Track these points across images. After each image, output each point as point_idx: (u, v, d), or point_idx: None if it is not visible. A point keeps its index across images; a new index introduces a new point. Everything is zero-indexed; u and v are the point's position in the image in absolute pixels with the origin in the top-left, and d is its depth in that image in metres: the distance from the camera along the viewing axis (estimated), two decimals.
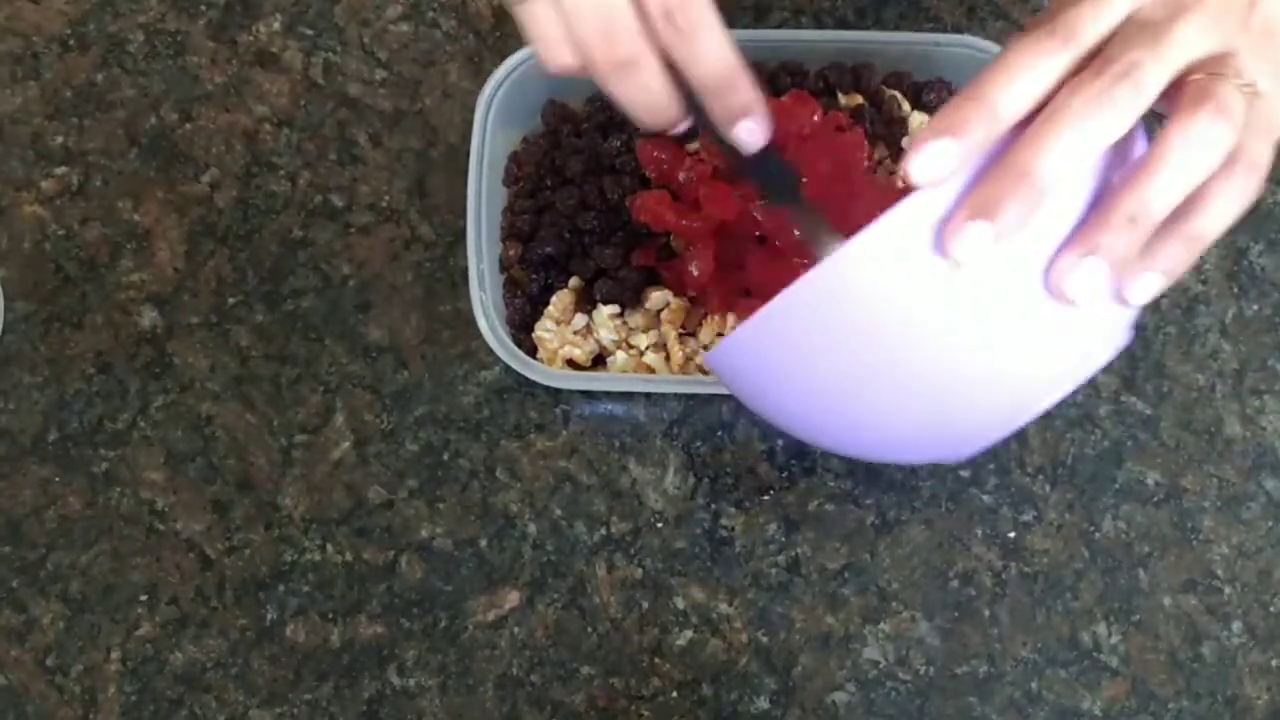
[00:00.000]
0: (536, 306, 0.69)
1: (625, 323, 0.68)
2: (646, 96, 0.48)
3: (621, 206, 0.69)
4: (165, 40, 0.76)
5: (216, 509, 0.69)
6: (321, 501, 0.69)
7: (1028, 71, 0.44)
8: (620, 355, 0.68)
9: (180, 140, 0.75)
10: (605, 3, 0.45)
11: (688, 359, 0.67)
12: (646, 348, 0.68)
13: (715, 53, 0.48)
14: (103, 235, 0.73)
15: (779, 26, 0.76)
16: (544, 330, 0.68)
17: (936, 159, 0.43)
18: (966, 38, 0.70)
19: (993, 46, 0.69)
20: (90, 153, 0.74)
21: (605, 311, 0.68)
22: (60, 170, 0.74)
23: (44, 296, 0.72)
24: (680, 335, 0.68)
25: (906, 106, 0.70)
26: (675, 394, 0.70)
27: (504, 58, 0.75)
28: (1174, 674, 0.66)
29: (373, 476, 0.69)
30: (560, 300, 0.68)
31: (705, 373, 0.67)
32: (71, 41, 0.76)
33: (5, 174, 0.74)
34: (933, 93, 0.71)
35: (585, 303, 0.69)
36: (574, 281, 0.69)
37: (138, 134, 0.75)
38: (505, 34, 0.77)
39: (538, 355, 0.68)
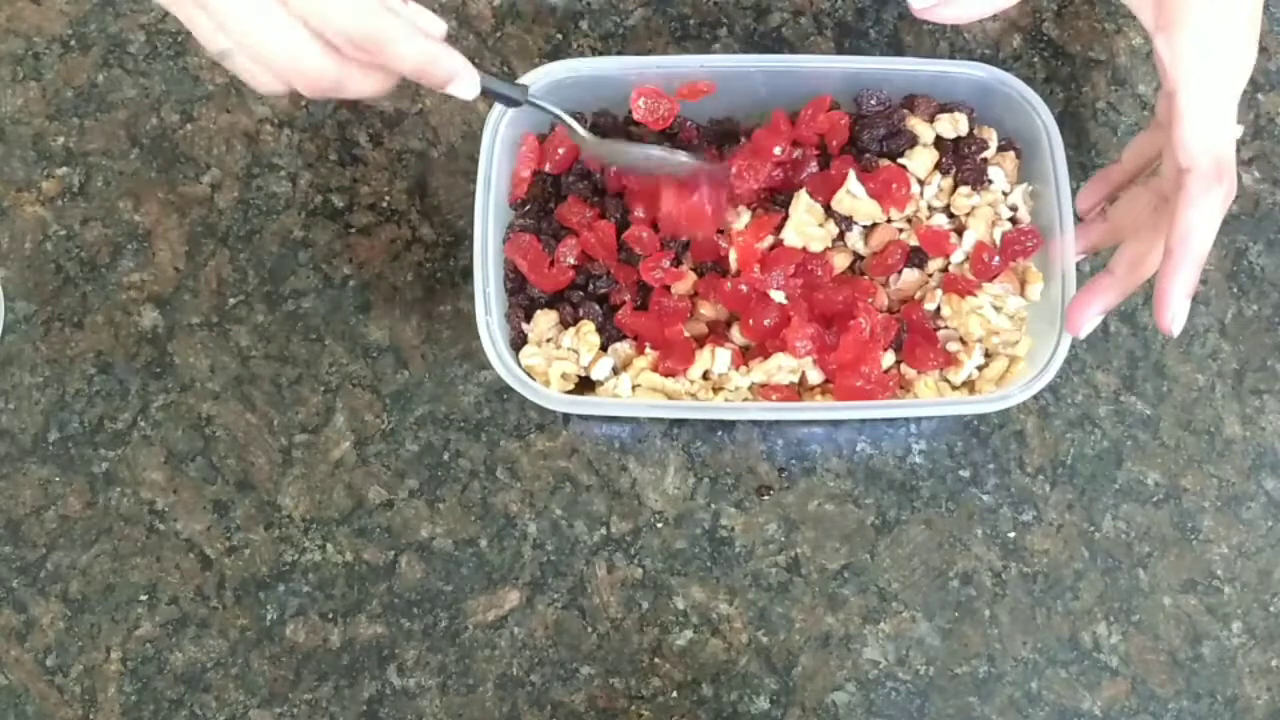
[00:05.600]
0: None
1: (616, 350, 0.68)
2: (370, 91, 0.56)
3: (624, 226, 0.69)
4: (166, 41, 0.77)
5: (216, 509, 0.69)
6: (321, 501, 0.69)
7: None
8: (623, 378, 0.67)
9: (181, 141, 0.75)
10: (292, 54, 0.52)
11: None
12: (640, 370, 0.67)
13: (409, 52, 0.54)
14: (103, 235, 0.73)
15: (779, 27, 0.76)
16: (530, 357, 0.67)
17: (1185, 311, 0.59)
18: (976, 64, 0.69)
19: (1005, 75, 0.68)
20: (91, 153, 0.75)
21: (593, 339, 0.67)
22: (61, 170, 0.74)
23: (45, 297, 0.72)
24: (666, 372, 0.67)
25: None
26: None
27: (504, 58, 0.76)
28: (1174, 674, 0.66)
29: (373, 476, 0.69)
30: (538, 324, 0.68)
31: (696, 397, 0.67)
32: (72, 42, 0.76)
33: (6, 174, 0.74)
34: (953, 111, 0.70)
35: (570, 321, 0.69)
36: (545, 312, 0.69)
37: (139, 134, 0.75)
38: (505, 35, 0.77)
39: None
